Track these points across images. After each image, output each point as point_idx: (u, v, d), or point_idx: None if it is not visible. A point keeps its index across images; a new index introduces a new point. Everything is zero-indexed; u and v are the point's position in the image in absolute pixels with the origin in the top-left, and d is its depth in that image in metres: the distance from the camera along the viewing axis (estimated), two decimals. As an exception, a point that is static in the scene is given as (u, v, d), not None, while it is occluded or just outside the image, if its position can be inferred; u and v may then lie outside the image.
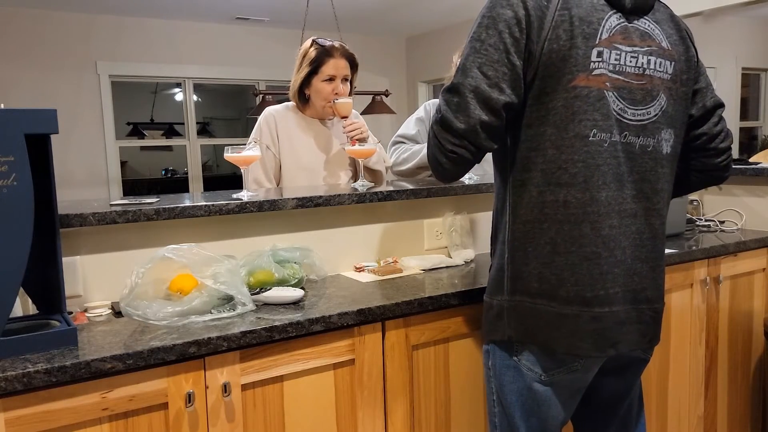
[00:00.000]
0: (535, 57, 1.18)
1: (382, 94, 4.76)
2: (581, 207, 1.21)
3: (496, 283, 1.33)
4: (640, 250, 1.28)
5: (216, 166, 8.89)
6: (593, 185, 1.21)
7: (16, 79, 5.47)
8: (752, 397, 2.34)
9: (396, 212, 1.97)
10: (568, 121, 1.19)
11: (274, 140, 2.24)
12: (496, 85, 1.18)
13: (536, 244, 1.25)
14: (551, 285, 1.24)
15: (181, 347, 1.23)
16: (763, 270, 2.29)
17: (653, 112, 1.27)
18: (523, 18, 1.18)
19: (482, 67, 1.19)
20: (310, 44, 2.22)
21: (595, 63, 1.19)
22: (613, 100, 1.22)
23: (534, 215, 1.24)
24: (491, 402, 1.40)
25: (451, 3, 5.78)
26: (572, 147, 1.20)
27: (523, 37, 1.18)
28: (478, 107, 1.19)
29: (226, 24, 6.34)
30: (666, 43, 1.29)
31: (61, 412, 1.15)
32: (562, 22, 1.18)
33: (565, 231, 1.22)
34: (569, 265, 1.23)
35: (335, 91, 2.21)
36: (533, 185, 1.24)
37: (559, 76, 1.18)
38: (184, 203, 1.61)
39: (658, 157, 1.29)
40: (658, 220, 1.30)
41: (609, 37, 1.21)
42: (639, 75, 1.24)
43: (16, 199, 1.16)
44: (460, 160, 1.24)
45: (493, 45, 1.19)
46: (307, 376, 1.41)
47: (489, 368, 1.38)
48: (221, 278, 1.44)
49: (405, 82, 7.49)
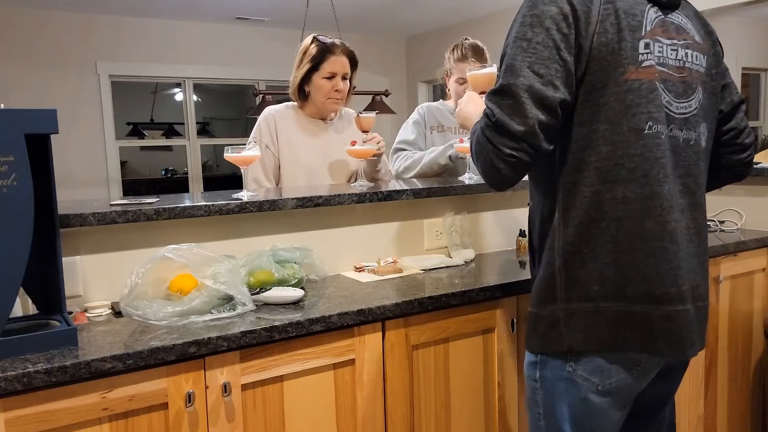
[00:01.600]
0: (584, 52, 1.16)
1: (382, 94, 4.76)
2: (641, 202, 1.18)
3: (545, 293, 1.26)
4: (689, 246, 1.25)
5: (216, 166, 8.88)
6: (653, 179, 1.18)
7: (16, 79, 5.47)
8: (752, 397, 2.34)
9: (396, 212, 1.97)
10: (622, 115, 1.17)
11: (273, 140, 2.24)
12: (550, 83, 1.14)
13: (594, 244, 1.20)
14: (616, 285, 1.19)
15: (181, 347, 1.23)
16: (763, 270, 2.29)
17: (694, 105, 1.25)
18: (570, 13, 1.15)
19: (533, 66, 1.14)
20: (311, 41, 2.23)
21: (644, 55, 1.18)
22: (662, 92, 1.20)
23: (590, 215, 1.20)
24: (536, 415, 1.33)
25: (451, 3, 5.78)
26: (627, 141, 1.17)
27: (571, 32, 1.15)
28: (534, 107, 1.13)
29: (226, 24, 6.34)
30: (698, 36, 1.28)
31: (61, 412, 1.15)
32: (608, 15, 1.16)
33: (626, 228, 1.18)
34: (634, 263, 1.18)
35: (335, 89, 2.21)
36: (586, 185, 1.19)
37: (610, 70, 1.16)
38: (184, 203, 1.61)
39: (699, 151, 1.27)
40: (701, 215, 1.29)
41: (651, 29, 1.20)
42: (680, 68, 1.23)
43: (16, 199, 1.16)
44: (519, 164, 1.18)
45: (542, 42, 1.15)
46: (307, 376, 1.41)
47: (536, 380, 1.31)
48: (221, 278, 1.44)
49: (405, 82, 7.48)
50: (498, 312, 1.66)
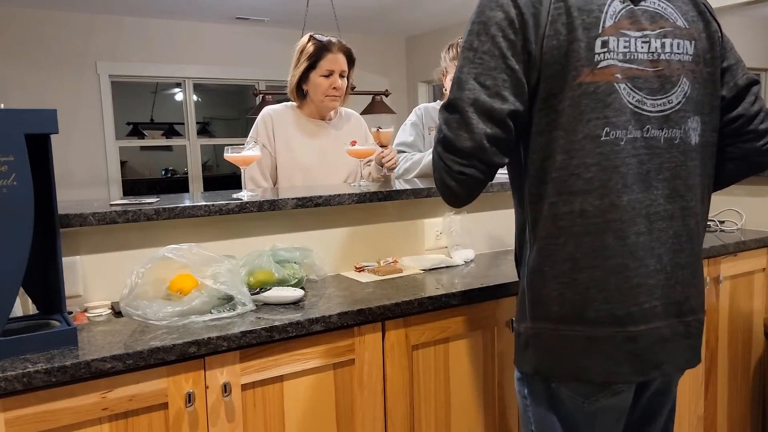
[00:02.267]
0: (535, 58, 1.09)
1: (382, 94, 4.77)
2: (601, 215, 1.10)
3: (520, 308, 1.23)
4: (679, 255, 1.16)
5: (216, 166, 8.88)
6: (612, 189, 1.10)
7: (16, 79, 5.47)
8: (752, 397, 2.34)
9: (396, 212, 1.97)
10: (577, 122, 1.09)
11: (270, 139, 2.25)
12: (498, 95, 1.09)
13: (552, 262, 1.13)
14: (575, 306, 1.12)
15: (181, 347, 1.23)
16: (763, 270, 2.29)
17: (675, 100, 1.15)
18: (516, 17, 1.09)
19: (479, 77, 1.10)
20: (308, 40, 2.23)
21: (600, 54, 1.09)
22: (628, 92, 1.11)
23: (548, 231, 1.13)
24: (529, 431, 1.28)
25: (451, 3, 5.78)
26: (583, 150, 1.09)
27: (519, 38, 1.09)
28: (481, 121, 1.09)
29: (226, 24, 6.34)
30: (682, 21, 1.16)
31: (61, 412, 1.15)
32: (559, 15, 1.08)
33: (585, 244, 1.11)
34: (595, 282, 1.11)
35: (333, 86, 2.22)
36: (546, 197, 1.13)
37: (564, 74, 1.09)
38: (184, 203, 1.61)
39: (687, 150, 1.16)
40: (693, 220, 1.18)
41: (615, 23, 1.10)
42: (654, 61, 1.13)
43: (16, 199, 1.16)
44: (471, 182, 1.14)
45: (488, 52, 1.10)
46: (307, 376, 1.41)
47: (525, 396, 1.27)
48: (221, 278, 1.44)
49: (405, 82, 7.48)
50: (498, 312, 1.66)
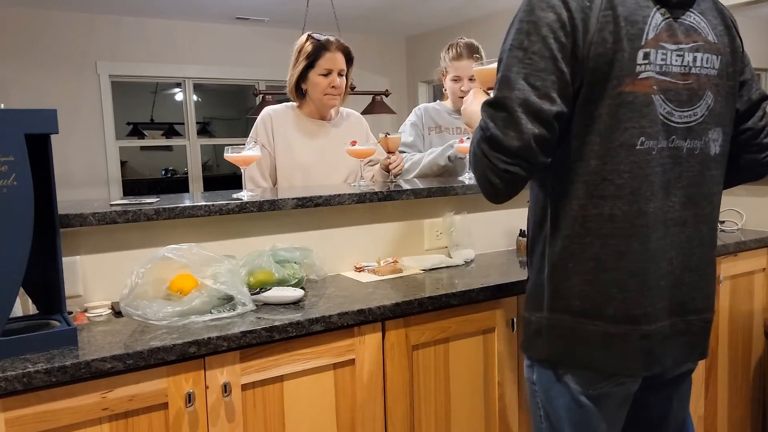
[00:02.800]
0: (580, 62, 1.11)
1: (382, 94, 4.76)
2: (629, 220, 1.15)
3: (534, 299, 1.27)
4: (689, 259, 1.22)
5: (216, 166, 8.88)
6: (641, 197, 1.15)
7: (16, 79, 5.46)
8: (752, 397, 2.34)
9: (396, 212, 1.97)
10: (614, 129, 1.12)
11: (270, 139, 2.25)
12: (546, 96, 1.10)
13: (578, 260, 1.18)
14: (596, 303, 1.17)
15: (181, 347, 1.23)
16: (763, 270, 2.29)
17: (700, 112, 1.20)
18: (568, 21, 1.10)
19: (528, 78, 1.10)
20: (306, 39, 2.24)
21: (642, 66, 1.12)
22: (660, 103, 1.15)
23: (575, 230, 1.18)
24: (537, 417, 1.33)
25: (451, 3, 5.77)
26: (617, 157, 1.13)
27: (569, 41, 1.10)
28: (529, 121, 1.09)
29: (226, 24, 6.33)
30: (712, 36, 1.21)
31: (61, 412, 1.15)
32: (607, 23, 1.10)
33: (611, 246, 1.16)
34: (616, 282, 1.16)
35: (332, 85, 2.22)
36: (575, 198, 1.17)
37: (605, 82, 1.11)
38: (184, 203, 1.61)
39: (706, 160, 1.21)
40: (706, 226, 1.24)
41: (655, 36, 1.13)
42: (685, 75, 1.17)
43: (16, 199, 1.16)
44: (515, 179, 1.15)
45: (538, 52, 1.10)
46: (307, 376, 1.41)
47: (533, 383, 1.32)
48: (221, 278, 1.44)
49: (405, 82, 7.48)
50: (498, 312, 1.66)
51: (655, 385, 1.32)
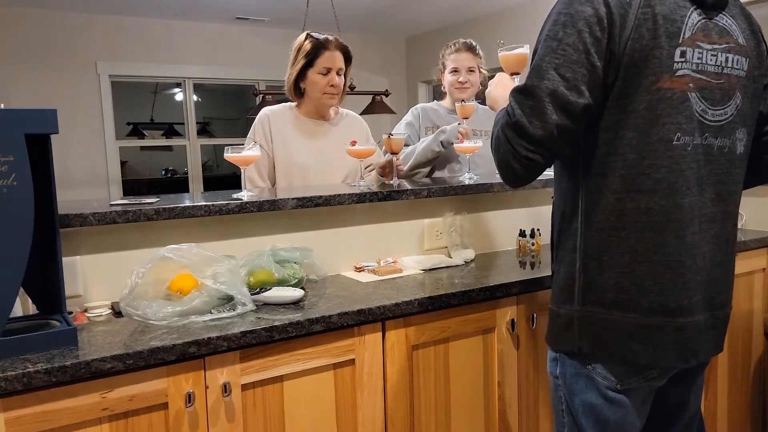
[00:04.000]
0: (616, 58, 1.13)
1: (382, 93, 4.76)
2: (665, 214, 1.17)
3: (564, 292, 1.28)
4: (717, 254, 1.25)
5: (216, 166, 8.87)
6: (677, 191, 1.17)
7: (16, 79, 5.46)
8: (752, 398, 2.34)
9: (396, 212, 1.97)
10: (652, 124, 1.14)
11: (268, 139, 2.26)
12: (575, 88, 1.12)
13: (613, 252, 1.20)
14: (630, 295, 1.19)
15: (181, 347, 1.23)
16: (763, 270, 2.29)
17: (730, 111, 1.22)
18: (605, 16, 1.12)
19: (559, 69, 1.12)
20: (305, 37, 2.24)
21: (679, 63, 1.15)
22: (696, 101, 1.17)
23: (611, 223, 1.19)
24: (559, 412, 1.34)
25: (451, 3, 5.77)
26: (655, 152, 1.15)
27: (604, 36, 1.12)
28: (555, 112, 1.12)
29: (226, 24, 6.33)
30: (742, 38, 1.24)
31: (61, 412, 1.15)
32: (645, 20, 1.12)
33: (647, 239, 1.18)
34: (652, 275, 1.18)
35: (330, 83, 2.23)
36: (610, 191, 1.18)
37: (641, 77, 1.13)
38: (184, 203, 1.61)
39: (733, 158, 1.25)
40: (731, 222, 1.27)
41: (692, 35, 1.16)
42: (718, 74, 1.20)
43: (16, 199, 1.16)
44: (535, 166, 1.18)
45: (572, 45, 1.12)
46: (307, 376, 1.41)
47: (557, 377, 1.33)
48: (221, 278, 1.44)
49: (405, 82, 7.48)
50: (498, 312, 1.66)
51: (676, 376, 1.32)
